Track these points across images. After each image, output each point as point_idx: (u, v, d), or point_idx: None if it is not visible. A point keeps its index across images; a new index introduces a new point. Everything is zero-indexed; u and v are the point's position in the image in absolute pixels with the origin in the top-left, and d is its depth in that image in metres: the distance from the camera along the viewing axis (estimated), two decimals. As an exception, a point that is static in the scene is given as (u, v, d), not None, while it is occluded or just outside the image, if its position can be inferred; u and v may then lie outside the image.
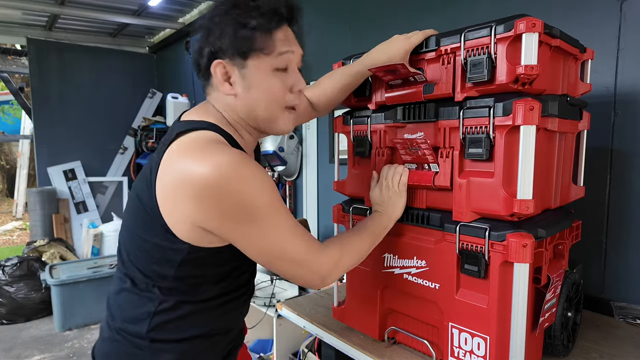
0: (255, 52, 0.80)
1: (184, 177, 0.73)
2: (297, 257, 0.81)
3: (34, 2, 3.65)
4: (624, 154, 1.38)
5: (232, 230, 0.77)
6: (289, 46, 0.83)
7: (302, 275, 0.84)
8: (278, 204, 0.79)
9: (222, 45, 0.80)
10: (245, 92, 0.83)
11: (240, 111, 0.86)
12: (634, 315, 1.32)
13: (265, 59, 0.81)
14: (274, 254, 0.80)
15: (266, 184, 0.77)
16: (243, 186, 0.73)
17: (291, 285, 2.86)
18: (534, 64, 0.86)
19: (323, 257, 0.85)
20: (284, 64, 0.83)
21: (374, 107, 1.17)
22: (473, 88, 0.95)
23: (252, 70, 0.81)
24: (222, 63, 0.81)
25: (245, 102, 0.84)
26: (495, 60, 0.90)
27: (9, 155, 9.80)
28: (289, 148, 2.90)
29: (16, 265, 3.47)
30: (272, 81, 0.83)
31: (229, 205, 0.73)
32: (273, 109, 0.85)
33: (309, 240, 0.83)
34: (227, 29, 0.79)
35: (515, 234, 0.89)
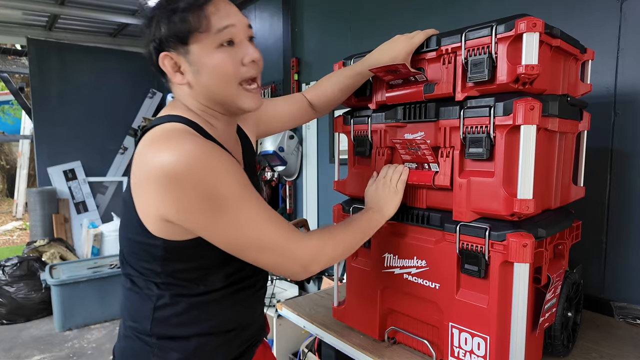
0: (192, 34, 0.78)
1: (149, 167, 0.73)
2: (273, 245, 0.78)
3: (34, 2, 3.65)
4: (624, 154, 1.38)
5: (196, 222, 0.74)
6: (227, 19, 0.80)
7: (281, 264, 0.81)
8: (247, 192, 0.76)
9: (161, 37, 0.79)
10: (196, 78, 0.81)
11: (200, 98, 0.84)
12: (634, 315, 1.32)
13: (205, 38, 0.79)
14: (247, 244, 0.77)
15: (233, 172, 0.75)
16: (207, 175, 0.71)
17: (291, 285, 2.86)
18: (535, 64, 0.86)
19: (303, 244, 0.81)
20: (227, 38, 0.80)
21: (375, 107, 1.17)
22: (474, 88, 0.95)
23: (196, 53, 0.79)
24: (168, 55, 0.80)
25: (200, 87, 0.82)
26: (495, 60, 0.90)
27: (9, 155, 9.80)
28: (289, 148, 2.90)
29: (16, 265, 3.47)
30: (218, 59, 0.80)
31: (193, 195, 0.71)
32: (228, 87, 0.82)
33: (286, 228, 0.80)
34: (162, 20, 0.79)
35: (516, 233, 0.89)
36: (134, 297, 0.84)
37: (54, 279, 3.25)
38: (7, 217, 8.46)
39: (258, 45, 1.14)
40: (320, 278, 2.81)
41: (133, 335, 0.84)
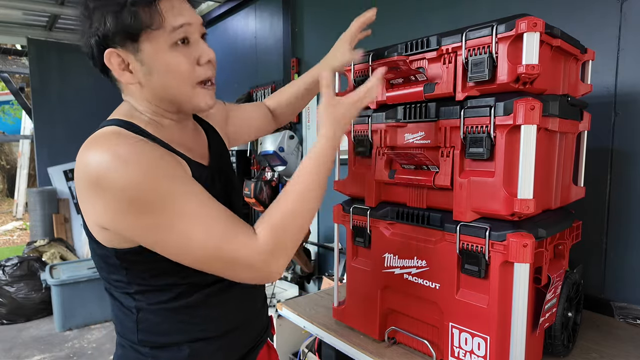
0: (144, 31, 0.71)
1: (79, 174, 0.69)
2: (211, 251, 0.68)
3: (35, 2, 3.65)
4: (624, 155, 1.38)
5: (127, 228, 0.68)
6: (182, 18, 0.74)
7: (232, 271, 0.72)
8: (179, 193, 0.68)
9: (106, 33, 0.71)
10: (148, 78, 0.75)
11: (151, 98, 0.78)
12: (634, 316, 1.32)
13: (158, 36, 0.72)
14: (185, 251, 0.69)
15: (156, 169, 0.67)
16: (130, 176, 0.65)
17: (291, 285, 2.86)
18: (535, 64, 0.86)
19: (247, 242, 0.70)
20: (182, 37, 0.74)
21: (375, 107, 1.17)
22: (474, 87, 0.95)
23: (148, 52, 0.73)
24: (115, 51, 0.73)
25: (151, 88, 0.76)
26: (496, 59, 0.90)
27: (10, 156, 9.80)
28: (289, 148, 2.90)
29: (16, 265, 3.47)
30: (173, 58, 0.74)
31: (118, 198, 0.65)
32: (183, 88, 0.76)
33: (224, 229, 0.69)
34: (107, 13, 0.71)
35: (516, 233, 0.89)
36: (117, 311, 0.81)
37: (54, 279, 3.25)
38: (7, 217, 8.46)
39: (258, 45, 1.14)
40: (320, 278, 2.81)
41: (127, 345, 0.81)
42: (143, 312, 0.77)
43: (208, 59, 0.78)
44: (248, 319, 0.89)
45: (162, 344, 0.78)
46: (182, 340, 0.78)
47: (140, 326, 0.78)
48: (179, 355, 0.78)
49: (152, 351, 0.78)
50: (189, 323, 0.79)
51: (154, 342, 0.78)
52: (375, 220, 1.17)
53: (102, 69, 0.77)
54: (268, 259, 0.71)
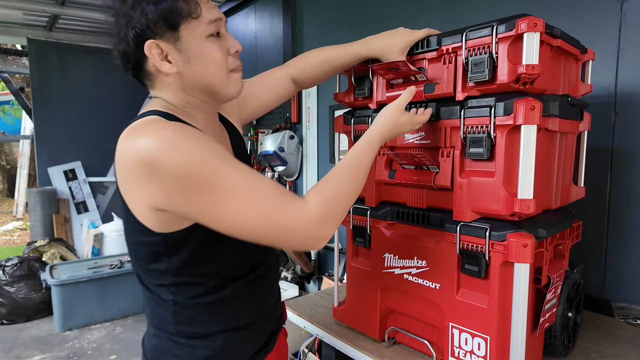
0: (184, 20, 0.76)
1: (127, 160, 0.72)
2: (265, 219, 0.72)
3: (35, 3, 3.65)
4: (624, 155, 1.38)
5: (184, 204, 0.71)
6: (215, 12, 0.81)
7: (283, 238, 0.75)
8: (227, 167, 0.72)
9: (148, 24, 0.74)
10: (187, 66, 0.79)
11: (187, 88, 0.82)
12: (635, 316, 1.32)
13: (196, 26, 0.78)
14: (239, 221, 0.72)
15: (206, 147, 0.71)
16: (182, 154, 0.68)
17: (291, 285, 2.86)
18: (535, 64, 0.86)
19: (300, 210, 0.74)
20: (216, 30, 0.81)
21: (375, 107, 1.17)
22: (474, 87, 0.95)
23: (188, 40, 0.77)
24: (155, 42, 0.76)
25: (190, 75, 0.80)
26: (496, 59, 0.90)
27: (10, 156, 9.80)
28: (289, 148, 2.90)
29: (16, 266, 3.47)
30: (210, 48, 0.80)
31: (173, 177, 0.69)
32: (220, 75, 0.83)
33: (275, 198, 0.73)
34: (147, 4, 0.74)
35: (516, 234, 0.89)
36: (153, 305, 0.85)
37: (54, 279, 3.25)
38: (7, 217, 8.46)
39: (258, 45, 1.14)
40: (320, 278, 2.81)
41: (162, 336, 0.85)
42: (180, 305, 0.82)
43: (236, 50, 0.85)
44: (270, 309, 0.96)
45: (198, 334, 0.83)
46: (216, 331, 0.83)
47: (177, 318, 0.82)
48: (214, 344, 0.83)
49: (188, 341, 0.83)
50: (222, 314, 0.84)
51: (191, 332, 0.83)
52: (375, 220, 1.18)
53: (135, 67, 0.80)
54: (319, 225, 0.75)
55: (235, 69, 0.86)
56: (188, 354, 0.82)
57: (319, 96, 2.78)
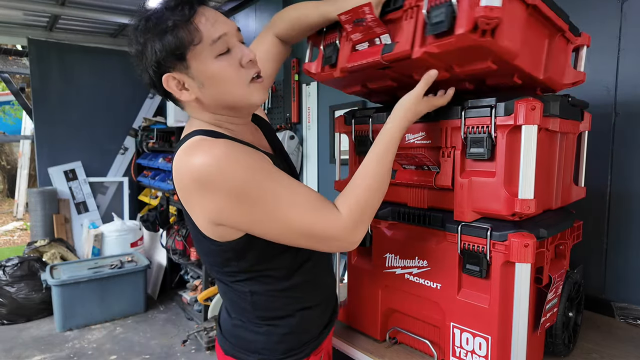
0: (188, 49, 0.79)
1: (185, 177, 0.79)
2: (306, 230, 0.80)
3: (35, 3, 3.65)
4: (624, 155, 1.38)
5: (236, 219, 0.79)
6: (219, 29, 0.81)
7: (324, 245, 0.84)
8: (272, 183, 0.79)
9: (159, 60, 0.80)
10: (202, 91, 0.83)
11: (212, 109, 0.86)
12: (635, 316, 1.32)
13: (201, 51, 0.80)
14: (286, 232, 0.81)
15: (252, 165, 0.78)
16: (233, 172, 0.75)
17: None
18: (495, 6, 0.74)
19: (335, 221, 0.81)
20: (224, 48, 0.82)
21: (340, 75, 1.05)
22: (433, 43, 0.84)
23: (196, 66, 0.81)
24: (170, 75, 0.82)
25: (208, 98, 0.84)
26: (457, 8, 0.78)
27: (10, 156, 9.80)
28: (290, 148, 2.90)
29: (17, 266, 3.47)
30: (220, 67, 0.82)
31: (224, 193, 0.76)
32: (237, 90, 0.84)
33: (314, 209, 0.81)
34: (155, 42, 0.79)
35: (517, 234, 0.89)
36: (233, 297, 0.94)
37: (55, 279, 3.25)
38: (7, 217, 8.46)
39: None
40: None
41: (244, 320, 0.95)
42: (256, 295, 0.91)
43: (249, 59, 0.84)
44: (330, 291, 1.06)
45: (275, 317, 0.93)
46: (291, 312, 0.94)
47: (256, 307, 0.92)
48: (291, 322, 0.94)
49: (267, 322, 0.93)
50: (293, 297, 0.94)
51: (269, 316, 0.93)
52: (376, 220, 1.18)
53: (166, 94, 0.86)
54: (351, 232, 0.83)
55: (254, 78, 0.86)
56: (268, 332, 0.93)
57: (319, 96, 2.78)
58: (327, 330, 1.03)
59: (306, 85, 2.86)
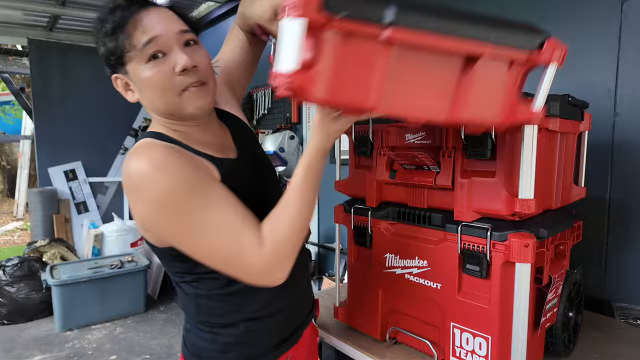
0: (125, 54, 0.77)
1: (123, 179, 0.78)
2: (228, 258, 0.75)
3: (35, 3, 3.65)
4: (624, 155, 1.38)
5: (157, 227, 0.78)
6: (149, 33, 0.76)
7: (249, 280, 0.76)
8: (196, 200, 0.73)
9: (106, 62, 0.81)
10: (141, 95, 0.83)
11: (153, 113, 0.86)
12: (635, 316, 1.32)
13: (135, 57, 0.77)
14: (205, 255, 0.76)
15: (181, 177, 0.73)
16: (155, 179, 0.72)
17: (292, 285, 2.86)
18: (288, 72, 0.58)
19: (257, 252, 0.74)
20: (152, 52, 0.77)
21: None
22: None
23: (132, 72, 0.79)
24: (117, 76, 0.83)
25: (147, 103, 0.83)
26: None
27: (10, 156, 9.80)
28: (290, 148, 2.90)
29: (17, 266, 3.47)
30: (149, 74, 0.78)
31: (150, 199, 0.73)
32: (167, 99, 0.79)
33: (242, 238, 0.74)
34: (101, 45, 0.80)
35: (517, 234, 0.89)
36: (183, 298, 0.91)
37: (55, 279, 3.24)
38: (7, 218, 8.46)
39: None
40: (320, 279, 2.81)
41: (192, 326, 0.91)
42: (200, 298, 0.87)
43: (182, 68, 0.77)
44: (294, 301, 0.96)
45: (219, 324, 0.88)
46: (237, 320, 0.88)
47: (200, 310, 0.88)
48: (236, 332, 0.88)
49: (212, 329, 0.88)
50: (242, 305, 0.88)
51: (213, 322, 0.88)
52: (376, 220, 1.18)
53: None
54: (273, 267, 0.76)
55: (189, 86, 0.79)
56: (212, 339, 0.88)
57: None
58: (288, 345, 0.93)
59: (306, 85, 2.86)
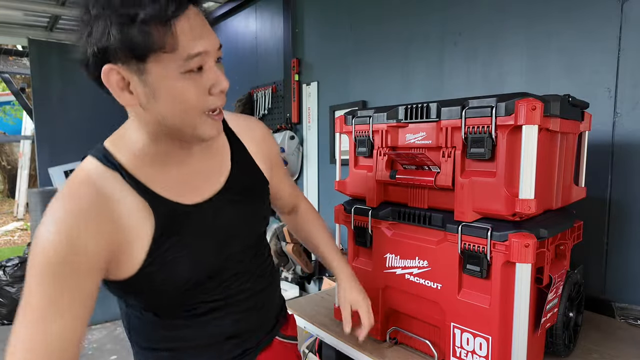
0: (154, 53, 0.62)
1: None
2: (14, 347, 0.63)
3: (35, 3, 3.65)
4: (625, 155, 1.38)
5: None
6: (200, 44, 0.65)
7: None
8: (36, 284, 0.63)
9: (109, 46, 0.61)
10: (151, 102, 0.66)
11: (150, 122, 0.70)
12: (635, 316, 1.32)
13: (169, 60, 0.63)
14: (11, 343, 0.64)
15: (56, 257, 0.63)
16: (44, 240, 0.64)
17: (291, 285, 2.86)
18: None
19: None
20: (197, 66, 0.66)
21: None
22: None
23: (156, 74, 0.64)
24: (115, 68, 0.64)
25: (153, 113, 0.68)
26: None
27: (10, 156, 9.81)
28: (290, 149, 2.90)
29: (17, 266, 3.47)
30: (183, 87, 0.65)
31: None
32: (189, 117, 0.68)
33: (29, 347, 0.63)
34: (113, 24, 0.61)
35: (518, 234, 0.89)
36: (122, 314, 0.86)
37: (55, 279, 3.24)
38: (8, 218, 8.46)
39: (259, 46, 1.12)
40: (320, 279, 2.81)
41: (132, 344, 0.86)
42: (131, 317, 0.82)
43: (221, 89, 0.70)
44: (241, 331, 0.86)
45: (148, 347, 0.82)
46: (163, 347, 0.81)
47: (132, 330, 0.83)
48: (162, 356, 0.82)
49: (142, 351, 0.84)
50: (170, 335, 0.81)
51: (143, 344, 0.83)
52: (376, 220, 1.18)
53: (98, 81, 0.68)
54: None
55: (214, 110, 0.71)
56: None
57: (320, 96, 2.78)
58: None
59: (306, 85, 2.86)
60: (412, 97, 2.07)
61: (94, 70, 0.66)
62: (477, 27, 1.75)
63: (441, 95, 1.93)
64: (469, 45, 1.80)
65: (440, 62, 1.94)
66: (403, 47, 2.11)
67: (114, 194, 0.70)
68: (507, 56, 1.64)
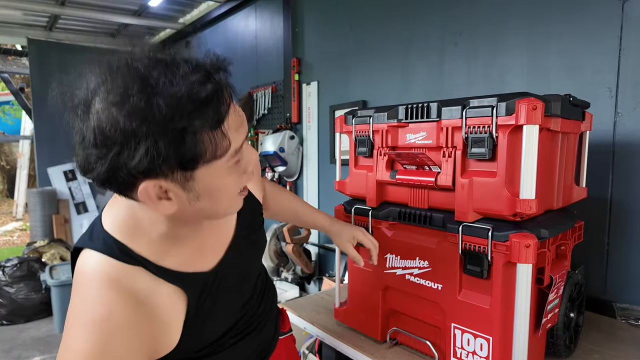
0: (205, 162, 0.57)
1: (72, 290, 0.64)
2: None
3: (35, 3, 3.65)
4: (625, 155, 1.38)
5: None
6: (242, 132, 0.61)
7: None
8: None
9: (151, 166, 0.54)
10: (193, 203, 0.62)
11: (184, 217, 0.65)
12: (636, 317, 1.32)
13: (219, 164, 0.59)
14: None
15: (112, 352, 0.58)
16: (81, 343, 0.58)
17: (292, 286, 2.86)
18: None
19: None
20: (240, 158, 0.63)
21: None
22: None
23: (203, 179, 0.59)
24: (157, 183, 0.57)
25: (194, 212, 0.63)
26: None
27: (10, 156, 9.80)
28: (290, 148, 2.90)
29: (16, 266, 3.47)
30: (228, 181, 0.63)
31: None
32: (228, 202, 0.67)
33: None
34: (156, 142, 0.52)
35: (518, 234, 0.88)
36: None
37: (54, 279, 3.24)
38: (7, 218, 8.45)
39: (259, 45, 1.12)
40: (320, 279, 2.80)
41: None
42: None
43: (252, 167, 0.67)
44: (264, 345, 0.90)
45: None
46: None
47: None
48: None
49: None
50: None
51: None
52: (377, 220, 1.17)
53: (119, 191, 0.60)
54: None
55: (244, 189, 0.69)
56: None
57: (320, 96, 2.78)
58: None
59: (306, 85, 2.86)
60: (413, 97, 2.07)
61: (122, 188, 0.59)
62: (477, 28, 1.74)
63: (441, 95, 1.92)
64: (469, 45, 1.80)
65: (440, 62, 1.94)
66: (403, 47, 2.11)
67: (144, 292, 0.64)
68: (508, 57, 1.64)
